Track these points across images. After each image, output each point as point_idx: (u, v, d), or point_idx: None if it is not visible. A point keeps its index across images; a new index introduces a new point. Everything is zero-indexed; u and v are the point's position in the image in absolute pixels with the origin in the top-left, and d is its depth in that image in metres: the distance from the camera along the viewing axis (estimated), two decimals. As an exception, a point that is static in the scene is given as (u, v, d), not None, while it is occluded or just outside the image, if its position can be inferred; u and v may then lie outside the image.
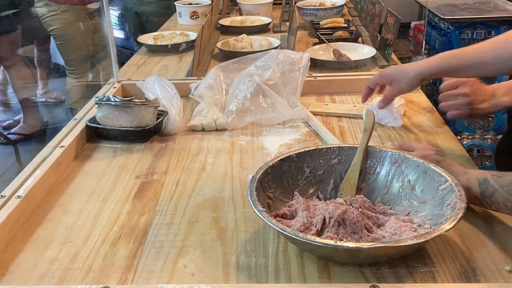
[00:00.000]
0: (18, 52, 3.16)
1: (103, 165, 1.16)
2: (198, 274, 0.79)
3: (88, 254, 0.85)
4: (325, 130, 1.25)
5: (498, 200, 0.85)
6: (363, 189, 0.97)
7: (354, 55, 1.84)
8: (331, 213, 0.83)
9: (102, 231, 0.91)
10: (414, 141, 1.20)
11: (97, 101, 1.26)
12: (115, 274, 0.80)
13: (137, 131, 1.25)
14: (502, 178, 0.86)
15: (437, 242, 0.84)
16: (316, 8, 2.46)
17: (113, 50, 1.58)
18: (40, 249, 0.87)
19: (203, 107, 1.35)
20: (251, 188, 0.86)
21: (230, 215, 0.95)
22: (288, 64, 1.43)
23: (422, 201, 0.89)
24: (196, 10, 2.54)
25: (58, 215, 0.97)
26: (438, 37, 3.10)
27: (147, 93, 1.38)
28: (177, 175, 1.10)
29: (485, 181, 0.87)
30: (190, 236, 0.89)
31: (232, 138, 1.27)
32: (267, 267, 0.80)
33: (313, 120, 1.31)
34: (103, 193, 1.04)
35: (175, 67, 1.90)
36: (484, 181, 0.88)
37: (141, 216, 0.96)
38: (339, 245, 0.73)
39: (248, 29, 2.33)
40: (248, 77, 1.39)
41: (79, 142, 1.24)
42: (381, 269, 0.78)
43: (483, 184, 0.88)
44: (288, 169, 0.96)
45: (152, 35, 2.24)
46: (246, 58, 1.51)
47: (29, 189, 0.98)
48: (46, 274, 0.81)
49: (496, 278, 0.76)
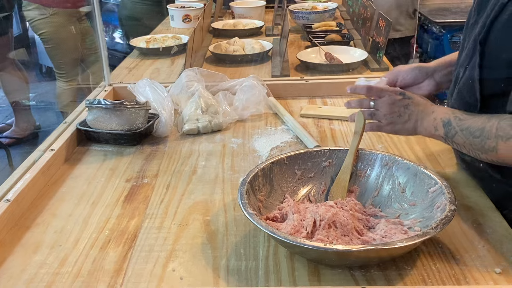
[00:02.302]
0: (9, 55, 3.14)
1: (93, 168, 1.16)
2: (187, 278, 0.79)
3: (77, 258, 0.85)
4: (297, 125, 1.29)
5: (458, 141, 0.92)
6: (354, 191, 0.97)
7: (346, 58, 1.84)
8: (322, 215, 0.83)
9: (91, 235, 0.91)
10: (405, 143, 1.20)
11: (87, 104, 1.26)
12: (104, 278, 0.80)
13: (128, 134, 1.24)
14: (462, 122, 0.92)
15: (427, 244, 0.84)
16: (308, 12, 2.47)
17: (104, 53, 1.58)
18: (28, 253, 0.86)
19: (191, 110, 1.34)
20: (241, 191, 0.86)
21: (221, 219, 0.94)
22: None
23: (412, 204, 0.89)
24: (188, 14, 2.54)
25: (48, 219, 0.96)
26: (430, 40, 3.12)
27: (138, 96, 1.37)
28: (167, 178, 1.10)
29: (449, 123, 0.94)
30: (180, 239, 0.89)
31: (223, 141, 1.27)
32: (257, 271, 0.80)
33: (285, 116, 1.36)
34: (93, 197, 1.04)
35: (167, 70, 1.90)
36: (447, 122, 0.94)
37: (131, 219, 0.95)
38: (329, 247, 0.72)
39: (241, 33, 2.33)
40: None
41: (69, 146, 1.23)
42: (371, 271, 0.78)
43: (447, 126, 0.94)
44: (279, 172, 0.96)
45: (144, 38, 2.24)
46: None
47: (18, 193, 0.97)
48: (35, 278, 0.80)
49: (486, 280, 0.76)
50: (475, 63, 0.91)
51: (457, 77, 0.99)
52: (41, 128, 3.31)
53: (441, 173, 1.04)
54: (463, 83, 0.96)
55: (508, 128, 0.85)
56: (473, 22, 0.96)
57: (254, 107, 1.39)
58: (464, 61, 0.96)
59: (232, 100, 1.41)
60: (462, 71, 0.97)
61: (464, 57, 0.97)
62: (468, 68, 0.94)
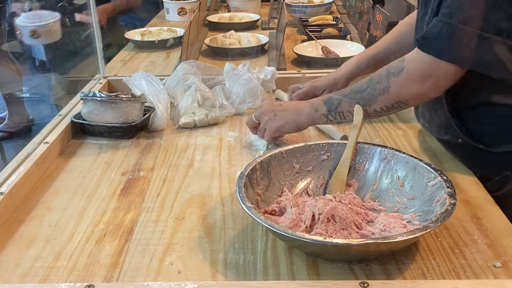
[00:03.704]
0: (2, 47, 3.11)
1: (88, 161, 1.14)
2: (185, 272, 0.78)
3: (73, 251, 0.83)
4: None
5: (344, 108, 1.01)
6: (352, 185, 0.96)
7: (342, 52, 1.84)
8: (320, 209, 0.82)
9: (87, 229, 0.90)
10: (403, 137, 1.20)
11: (82, 96, 1.24)
12: (100, 272, 0.79)
13: (123, 127, 1.23)
14: (342, 91, 1.02)
15: (427, 238, 0.83)
16: (305, 5, 2.46)
17: (99, 46, 1.56)
18: (23, 247, 0.85)
19: (188, 104, 1.33)
20: (239, 184, 0.85)
21: (218, 212, 0.93)
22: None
23: (411, 198, 0.88)
24: (183, 6, 2.52)
25: (42, 212, 0.95)
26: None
27: (134, 88, 1.36)
28: (164, 171, 1.09)
29: (330, 99, 1.03)
30: (177, 233, 0.88)
31: (220, 134, 1.26)
32: (256, 264, 0.79)
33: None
34: (88, 190, 1.02)
35: (162, 63, 1.88)
36: (328, 99, 1.03)
37: (127, 213, 0.94)
38: (328, 241, 0.72)
39: (237, 26, 2.32)
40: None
41: (64, 138, 1.21)
42: (370, 265, 0.77)
43: (328, 102, 1.03)
44: (277, 165, 0.95)
45: (139, 31, 2.22)
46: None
47: (12, 186, 0.96)
48: (29, 272, 0.79)
49: (486, 274, 0.75)
50: None
51: None
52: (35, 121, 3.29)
53: (440, 167, 1.03)
54: None
55: (398, 64, 0.94)
56: (422, 14, 1.02)
57: (251, 100, 1.38)
58: None
59: (229, 94, 1.40)
60: None
61: None
62: None
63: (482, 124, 0.97)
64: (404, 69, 0.94)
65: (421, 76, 0.92)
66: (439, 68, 0.90)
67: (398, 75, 0.94)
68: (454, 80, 0.92)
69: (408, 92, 0.95)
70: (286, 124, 1.10)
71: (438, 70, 0.90)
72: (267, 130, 1.13)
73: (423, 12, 1.01)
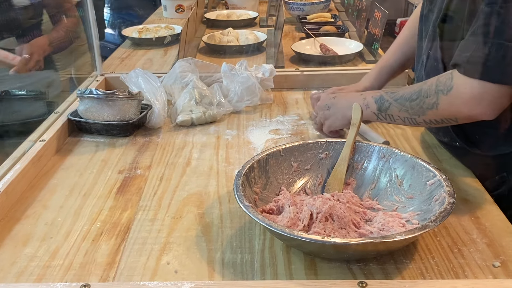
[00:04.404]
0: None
1: (85, 159, 1.13)
2: (181, 271, 0.77)
3: (69, 250, 0.83)
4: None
5: (393, 112, 0.98)
6: (351, 184, 0.95)
7: (341, 50, 1.83)
8: (318, 208, 0.81)
9: (83, 227, 0.89)
10: (401, 136, 1.19)
11: (79, 94, 1.23)
12: (96, 271, 0.78)
13: (120, 125, 1.22)
14: (394, 94, 0.98)
15: (425, 237, 0.83)
16: (303, 3, 2.45)
17: (96, 43, 1.55)
18: (18, 246, 0.84)
19: (185, 101, 1.32)
20: (237, 183, 0.84)
21: (216, 211, 0.93)
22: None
23: (410, 196, 0.88)
24: (181, 4, 2.51)
25: (38, 211, 0.94)
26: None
27: (131, 86, 1.35)
28: (161, 170, 1.08)
29: (381, 98, 1.00)
30: (174, 232, 0.87)
31: (217, 132, 1.25)
32: (253, 264, 0.78)
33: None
34: (84, 188, 1.01)
35: (160, 61, 1.87)
36: (380, 98, 1.01)
37: (124, 212, 0.93)
38: (326, 240, 0.71)
39: (235, 23, 2.31)
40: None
41: (61, 136, 1.20)
42: (369, 265, 0.77)
43: (379, 101, 1.00)
44: (275, 164, 0.94)
45: (137, 28, 2.21)
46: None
47: (8, 184, 0.95)
48: (25, 271, 0.78)
49: (485, 274, 0.75)
50: (436, 46, 0.96)
51: (423, 63, 1.03)
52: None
53: (439, 166, 1.03)
54: (429, 66, 1.00)
55: (447, 82, 0.90)
56: (427, 11, 1.01)
57: (249, 98, 1.37)
58: (427, 47, 1.01)
59: (226, 92, 1.39)
60: (425, 57, 1.02)
61: (426, 44, 1.02)
62: (430, 52, 0.99)
63: (479, 128, 0.96)
64: (453, 89, 0.88)
65: (471, 99, 0.86)
66: (491, 91, 0.84)
67: (447, 94, 0.89)
68: (509, 101, 0.86)
69: (457, 111, 0.89)
70: (337, 120, 1.10)
71: (491, 94, 0.84)
72: (324, 126, 1.14)
73: (428, 9, 0.99)
